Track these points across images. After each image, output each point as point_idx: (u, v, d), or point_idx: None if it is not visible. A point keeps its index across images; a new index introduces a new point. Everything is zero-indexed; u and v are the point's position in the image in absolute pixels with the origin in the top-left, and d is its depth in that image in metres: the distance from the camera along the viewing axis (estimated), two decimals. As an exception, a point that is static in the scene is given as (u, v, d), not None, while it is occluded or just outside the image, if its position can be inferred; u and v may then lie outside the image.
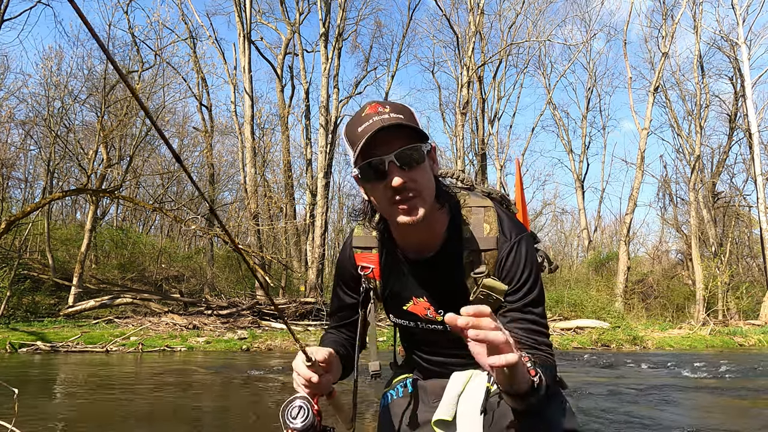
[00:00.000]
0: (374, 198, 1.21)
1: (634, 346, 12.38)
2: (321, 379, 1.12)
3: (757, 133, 18.83)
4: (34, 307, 12.46)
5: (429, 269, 1.31)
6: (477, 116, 23.31)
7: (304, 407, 1.10)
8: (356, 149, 1.14)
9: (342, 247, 1.49)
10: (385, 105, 1.18)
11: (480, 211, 1.30)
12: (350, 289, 1.46)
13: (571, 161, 28.51)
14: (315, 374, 1.11)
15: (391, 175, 1.12)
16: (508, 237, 1.26)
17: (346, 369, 1.37)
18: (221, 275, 19.60)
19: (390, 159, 1.13)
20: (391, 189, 1.13)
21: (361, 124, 1.16)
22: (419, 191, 1.15)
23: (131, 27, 16.33)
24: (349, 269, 1.44)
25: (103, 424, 3.78)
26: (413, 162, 1.14)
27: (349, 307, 1.47)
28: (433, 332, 1.37)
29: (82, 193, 15.46)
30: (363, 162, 1.15)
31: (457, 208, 1.30)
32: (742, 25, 19.01)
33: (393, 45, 27.20)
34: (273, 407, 4.59)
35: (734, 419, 4.30)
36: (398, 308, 1.41)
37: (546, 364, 1.14)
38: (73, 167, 19.01)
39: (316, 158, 19.09)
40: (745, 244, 24.87)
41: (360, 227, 1.42)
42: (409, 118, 1.17)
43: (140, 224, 25.86)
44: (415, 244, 1.30)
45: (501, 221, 1.29)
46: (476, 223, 1.28)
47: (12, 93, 17.02)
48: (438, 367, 1.44)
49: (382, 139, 1.12)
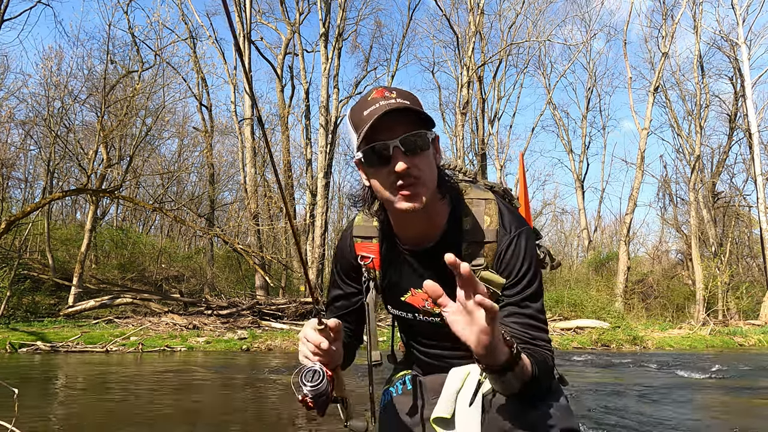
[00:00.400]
0: (376, 183, 1.18)
1: (634, 346, 12.38)
2: (330, 348, 1.10)
3: (757, 133, 18.84)
4: (34, 307, 12.45)
5: (427, 260, 1.29)
6: (477, 116, 23.32)
7: (319, 371, 1.08)
8: (360, 133, 1.13)
9: (341, 236, 1.46)
10: (391, 90, 1.16)
11: (481, 203, 1.29)
12: (350, 278, 1.44)
13: (571, 161, 28.53)
14: (325, 340, 1.09)
15: (395, 160, 1.11)
16: (508, 230, 1.25)
17: (348, 359, 1.36)
18: (221, 275, 19.60)
19: (395, 144, 1.11)
20: (395, 174, 1.12)
21: (366, 107, 1.15)
22: (422, 178, 1.14)
23: (131, 27, 16.35)
24: (349, 259, 1.41)
25: (103, 424, 3.78)
26: (417, 148, 1.13)
27: (348, 297, 1.45)
28: (431, 324, 1.36)
29: (82, 193, 15.47)
30: (367, 146, 1.14)
31: (458, 199, 1.29)
32: (742, 25, 19.02)
33: (393, 45, 27.26)
34: (273, 407, 4.59)
35: (734, 419, 4.30)
36: (396, 299, 1.39)
37: (541, 357, 1.13)
38: (73, 167, 19.02)
39: (316, 158, 19.09)
40: (745, 244, 24.88)
41: (361, 216, 1.40)
42: (415, 103, 1.16)
43: (140, 224, 25.87)
44: (414, 234, 1.29)
45: (502, 214, 1.27)
46: (477, 215, 1.27)
47: (12, 93, 17.02)
48: (436, 360, 1.43)
49: (387, 124, 1.10)
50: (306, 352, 1.13)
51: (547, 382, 1.15)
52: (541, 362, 1.11)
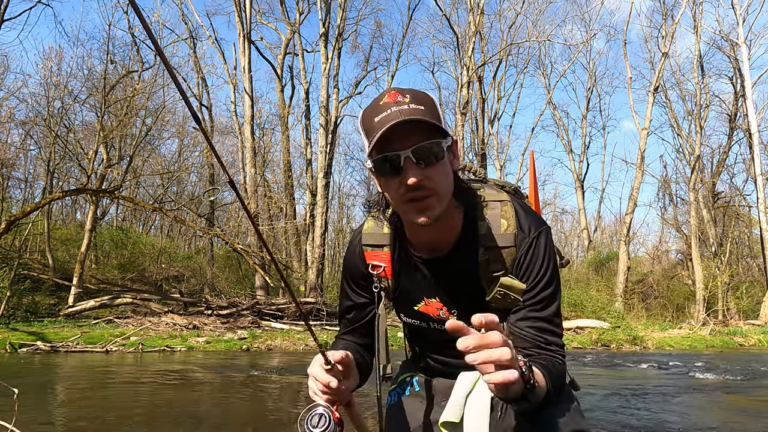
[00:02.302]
0: (388, 194, 1.14)
1: (634, 346, 12.38)
2: (340, 385, 1.06)
3: (757, 133, 18.84)
4: (34, 307, 12.46)
5: (442, 268, 1.25)
6: (477, 116, 23.33)
7: (325, 415, 1.04)
8: (371, 141, 1.07)
9: (350, 244, 1.40)
10: (405, 94, 1.09)
11: (497, 205, 1.23)
12: (361, 288, 1.37)
13: (571, 161, 28.53)
14: (334, 379, 1.05)
15: (406, 172, 1.06)
16: (527, 233, 1.20)
17: (362, 377, 1.30)
18: (221, 275, 19.61)
19: (406, 155, 1.05)
20: (405, 186, 1.07)
21: (378, 113, 1.08)
22: (435, 190, 1.09)
23: (131, 27, 16.34)
24: (360, 268, 1.35)
25: (103, 424, 3.78)
26: (432, 158, 1.07)
27: (361, 308, 1.38)
28: (445, 333, 1.30)
29: (82, 193, 15.47)
30: (378, 155, 1.08)
31: (473, 203, 1.23)
32: (742, 25, 19.01)
33: (393, 45, 27.24)
34: (273, 407, 4.59)
35: (734, 419, 4.29)
36: (409, 308, 1.35)
37: (553, 366, 1.10)
38: (73, 167, 19.03)
39: (316, 158, 19.09)
40: (745, 244, 24.87)
41: (371, 223, 1.34)
42: (431, 108, 1.09)
43: (140, 224, 25.87)
44: (428, 242, 1.24)
45: (518, 216, 1.21)
46: (493, 219, 1.21)
47: (12, 93, 17.03)
48: (448, 367, 1.38)
49: (399, 132, 1.05)
50: (315, 390, 1.09)
51: (558, 389, 1.12)
52: (554, 373, 1.08)
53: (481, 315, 0.83)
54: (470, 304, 1.20)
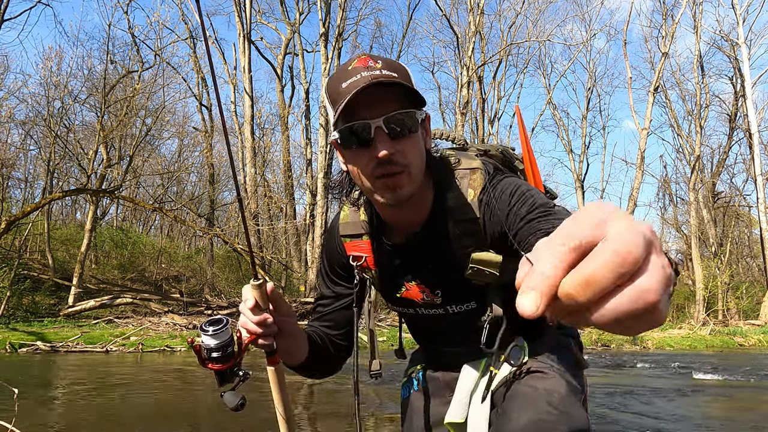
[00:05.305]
0: (354, 169, 1.02)
1: (634, 346, 12.38)
2: (261, 315, 1.02)
3: (757, 133, 18.84)
4: (34, 307, 12.46)
5: (415, 249, 1.14)
6: (477, 116, 23.34)
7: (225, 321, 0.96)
8: (337, 109, 0.95)
9: (328, 233, 1.29)
10: (377, 59, 0.99)
11: (466, 173, 1.11)
12: (340, 278, 1.27)
13: (571, 161, 28.49)
14: (261, 309, 1.01)
15: (377, 145, 0.95)
16: (488, 187, 1.08)
17: (317, 361, 1.21)
18: (221, 275, 19.61)
19: (377, 124, 0.95)
20: (375, 160, 0.96)
21: (346, 79, 0.97)
22: (407, 166, 0.98)
23: (131, 27, 16.35)
24: (339, 259, 1.25)
25: (103, 423, 3.78)
26: (405, 130, 0.97)
27: (338, 298, 1.27)
28: (435, 317, 1.22)
29: (82, 193, 15.47)
30: (344, 125, 0.97)
31: (442, 175, 1.12)
32: (742, 25, 19.01)
33: (393, 45, 27.18)
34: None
35: (734, 419, 4.30)
36: (393, 296, 1.25)
37: None
38: (73, 167, 19.02)
39: (316, 158, 19.09)
40: (745, 244, 24.90)
41: (347, 211, 1.23)
42: (405, 77, 0.99)
43: (140, 224, 25.86)
44: (401, 223, 1.14)
45: (485, 181, 1.08)
46: (462, 189, 1.10)
47: (12, 93, 17.01)
48: (446, 355, 1.31)
49: (369, 100, 0.94)
50: (244, 320, 1.04)
51: None
52: None
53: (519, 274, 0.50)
54: (452, 284, 1.15)
